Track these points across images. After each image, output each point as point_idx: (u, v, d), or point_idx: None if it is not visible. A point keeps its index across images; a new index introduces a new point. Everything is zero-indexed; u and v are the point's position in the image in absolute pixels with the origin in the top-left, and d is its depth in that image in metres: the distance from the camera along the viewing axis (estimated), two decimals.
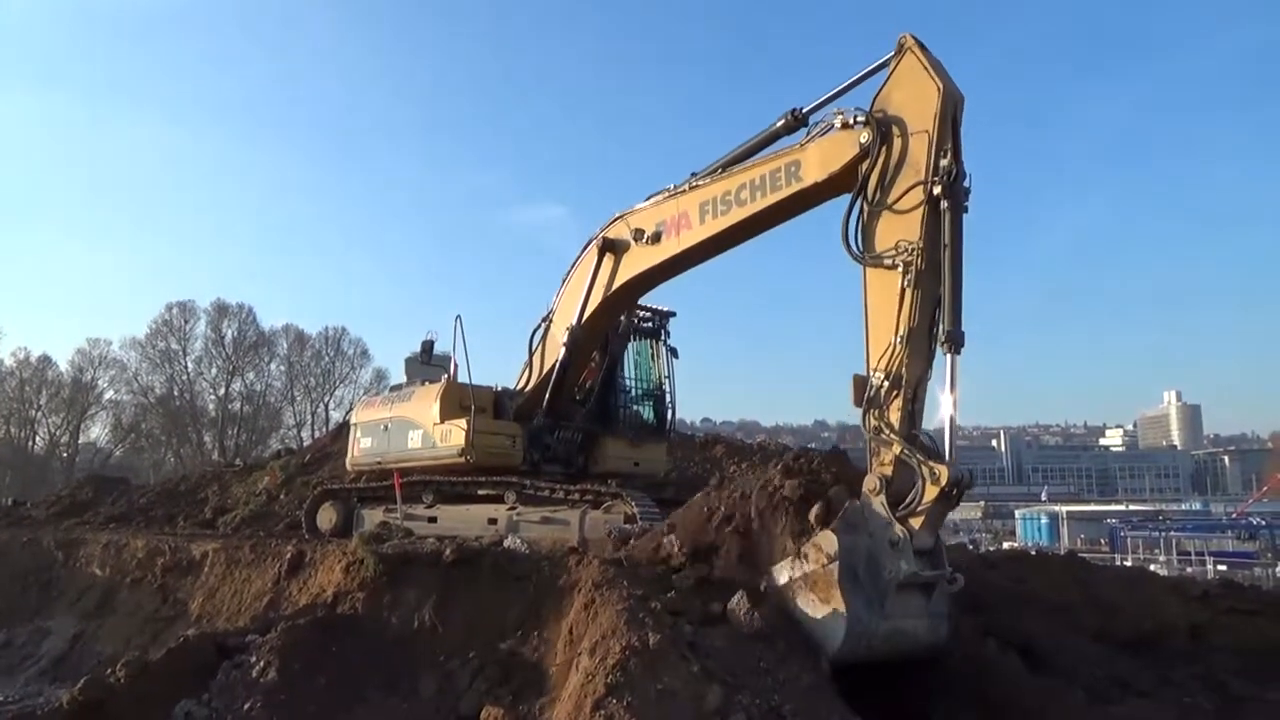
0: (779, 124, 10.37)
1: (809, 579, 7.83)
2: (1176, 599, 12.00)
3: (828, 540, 7.79)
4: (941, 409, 8.02)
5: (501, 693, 7.90)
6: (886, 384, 8.14)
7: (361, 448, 14.55)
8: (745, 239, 11.06)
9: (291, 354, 64.09)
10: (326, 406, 62.89)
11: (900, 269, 8.20)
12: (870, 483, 8.01)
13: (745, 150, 10.76)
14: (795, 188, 9.76)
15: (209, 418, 62.34)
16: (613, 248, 12.23)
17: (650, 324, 14.64)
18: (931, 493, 7.67)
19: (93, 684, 7.90)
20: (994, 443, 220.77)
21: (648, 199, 11.90)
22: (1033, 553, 17.29)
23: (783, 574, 8.07)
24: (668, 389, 14.73)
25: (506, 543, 10.40)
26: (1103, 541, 57.53)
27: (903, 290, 8.14)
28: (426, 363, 14.46)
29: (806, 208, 10.04)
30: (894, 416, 8.09)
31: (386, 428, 14.06)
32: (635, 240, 11.80)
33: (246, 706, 7.75)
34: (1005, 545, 49.60)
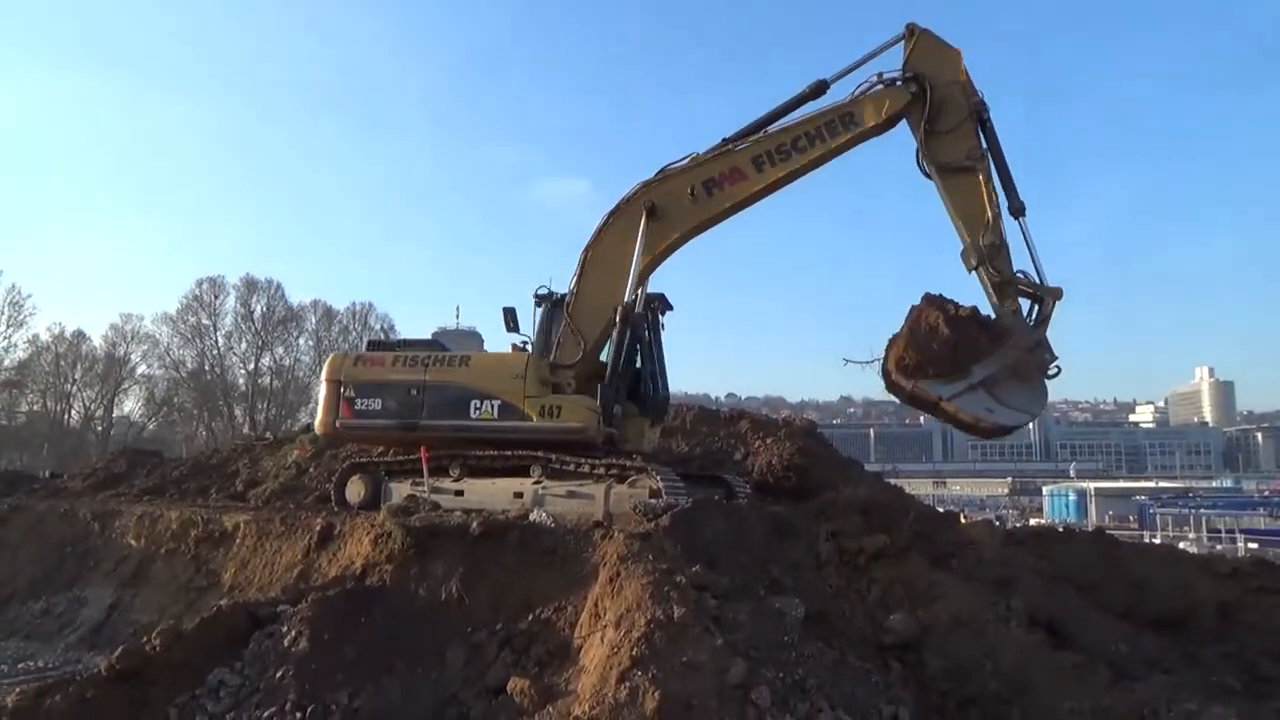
0: (806, 90, 12.92)
1: (1014, 366, 11.30)
2: (1206, 577, 11.87)
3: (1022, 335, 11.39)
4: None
5: (528, 664, 8.01)
6: (995, 245, 11.65)
7: (358, 410, 13.95)
8: (790, 182, 13.10)
9: (320, 329, 64.71)
10: None
11: (976, 168, 11.96)
12: (1008, 309, 11.61)
13: (775, 113, 13.02)
14: (854, 132, 12.57)
15: (239, 392, 63.16)
16: (656, 209, 13.06)
17: (654, 305, 14.59)
18: (1050, 306, 11.65)
19: (129, 652, 8.07)
20: None
21: (680, 161, 13.28)
22: (1060, 530, 17.12)
23: (988, 368, 11.15)
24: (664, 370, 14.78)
25: (532, 516, 10.48)
26: (1132, 519, 56.95)
27: (985, 179, 11.92)
28: (514, 329, 13.63)
29: (848, 149, 12.76)
30: (1005, 266, 11.71)
31: (416, 392, 13.80)
32: (692, 196, 13.02)
33: (278, 675, 7.90)
34: (1032, 522, 49.26)
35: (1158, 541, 35.42)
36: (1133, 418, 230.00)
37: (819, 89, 12.87)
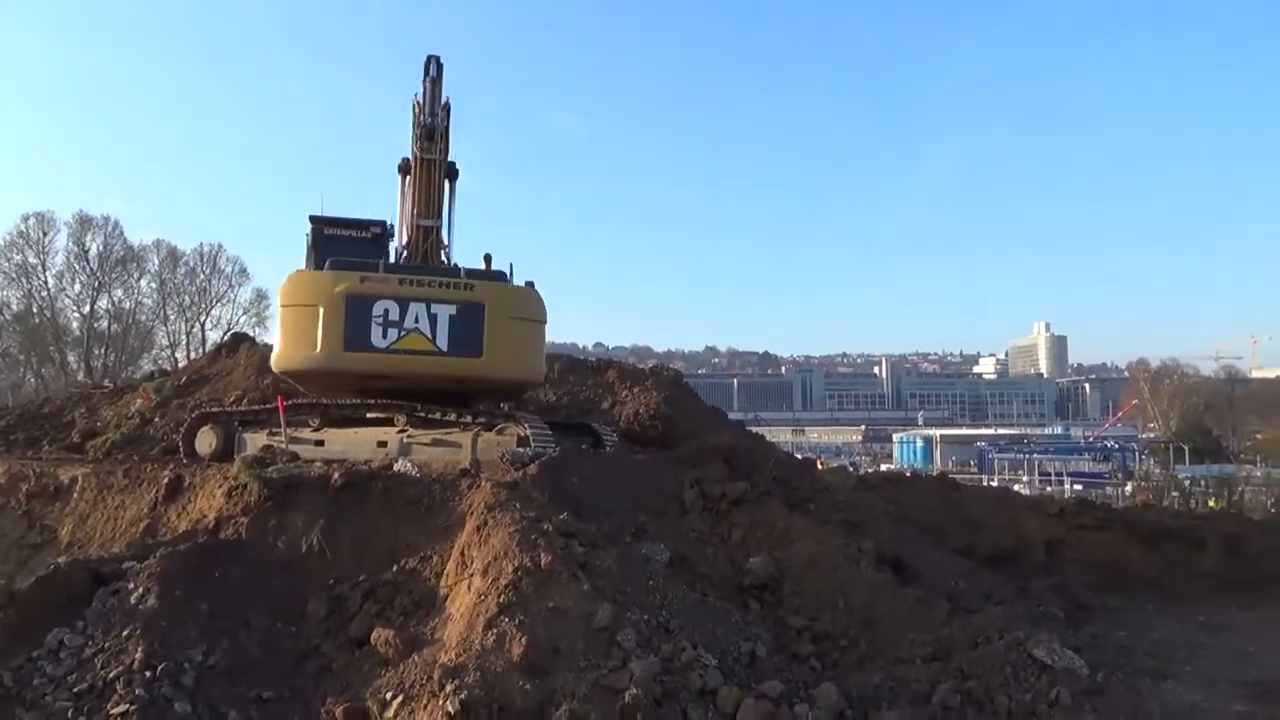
0: None
1: None
2: (1035, 516, 12.90)
3: None
4: None
5: (393, 614, 7.92)
6: None
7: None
8: None
9: (164, 271, 60.74)
10: (203, 326, 60.06)
11: None
12: None
13: None
14: None
15: (73, 336, 58.84)
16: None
17: None
18: None
19: None
20: (876, 370, 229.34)
21: None
22: (908, 474, 18.11)
23: None
24: None
25: (397, 466, 10.28)
26: (972, 463, 60.97)
27: None
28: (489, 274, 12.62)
29: None
30: None
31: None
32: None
33: (125, 634, 7.52)
34: (883, 468, 51.98)
35: (995, 484, 38.03)
36: (976, 369, 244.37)
37: None
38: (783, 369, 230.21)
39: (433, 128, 13.47)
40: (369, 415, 12.86)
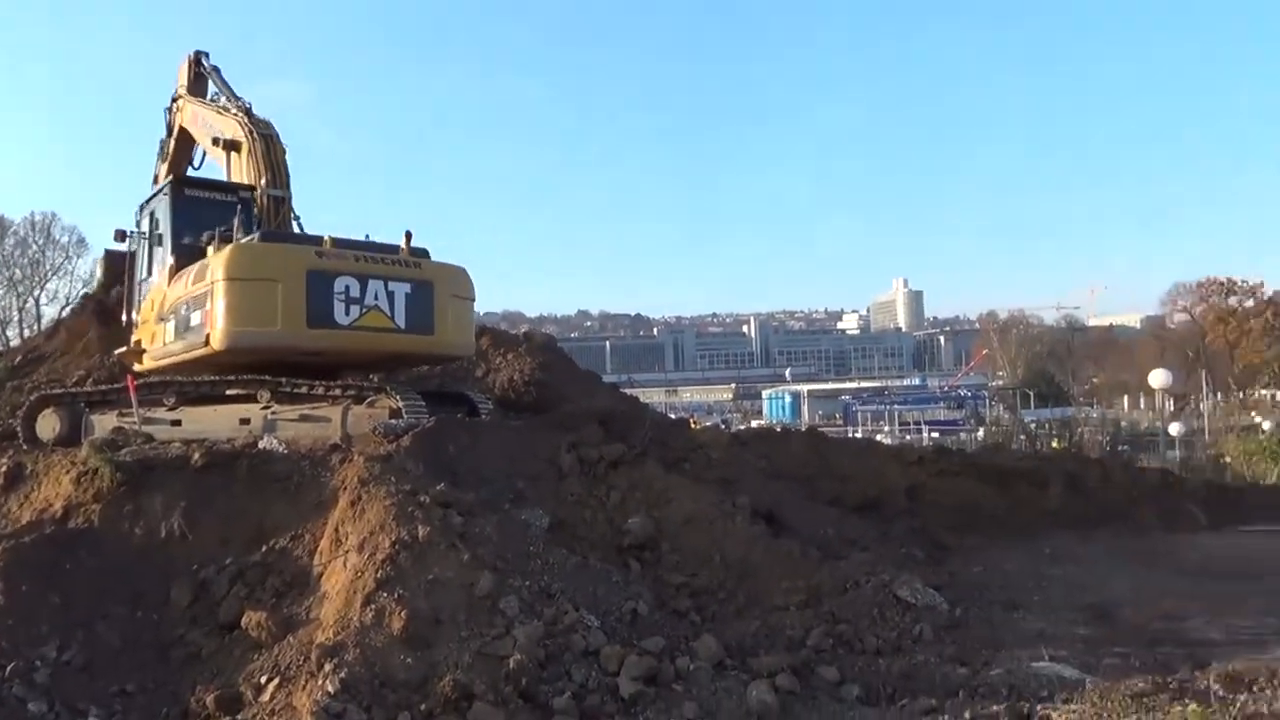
0: None
1: None
2: (897, 465, 13.55)
3: None
4: None
5: (264, 596, 7.65)
6: None
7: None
8: None
9: None
10: (38, 302, 55.90)
11: None
12: None
13: None
14: None
15: None
16: None
17: None
18: None
19: None
20: (745, 328, 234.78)
21: None
22: (778, 429, 18.68)
23: None
24: None
25: (262, 444, 9.88)
26: (838, 416, 63.44)
27: None
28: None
29: None
30: None
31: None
32: None
33: None
34: (754, 424, 53.44)
35: (859, 435, 39.75)
36: (840, 325, 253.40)
37: None
38: (655, 330, 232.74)
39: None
40: (229, 392, 12.29)
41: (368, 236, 12.39)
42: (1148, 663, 6.73)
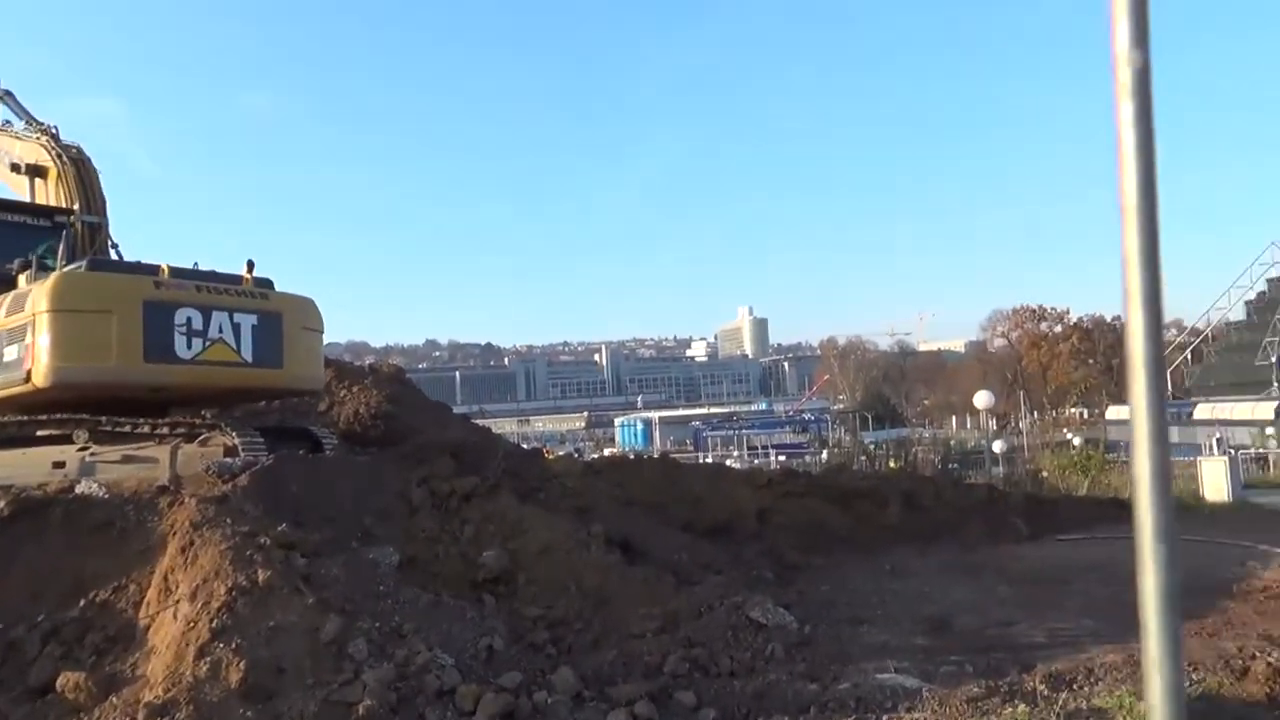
0: None
1: None
2: (747, 488, 13.93)
3: None
4: None
5: (82, 654, 7.03)
6: None
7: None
8: None
9: None
10: None
11: None
12: None
13: None
14: None
15: None
16: None
17: None
18: None
19: None
20: (596, 357, 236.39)
21: None
22: (631, 457, 18.85)
23: None
24: None
25: (80, 488, 9.13)
26: (689, 442, 64.50)
27: None
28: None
29: None
30: None
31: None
32: None
33: None
34: (607, 452, 53.65)
35: (710, 460, 40.55)
36: (689, 352, 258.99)
37: None
38: (506, 360, 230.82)
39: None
40: (40, 433, 11.30)
41: (195, 264, 11.72)
42: (981, 668, 7.13)
